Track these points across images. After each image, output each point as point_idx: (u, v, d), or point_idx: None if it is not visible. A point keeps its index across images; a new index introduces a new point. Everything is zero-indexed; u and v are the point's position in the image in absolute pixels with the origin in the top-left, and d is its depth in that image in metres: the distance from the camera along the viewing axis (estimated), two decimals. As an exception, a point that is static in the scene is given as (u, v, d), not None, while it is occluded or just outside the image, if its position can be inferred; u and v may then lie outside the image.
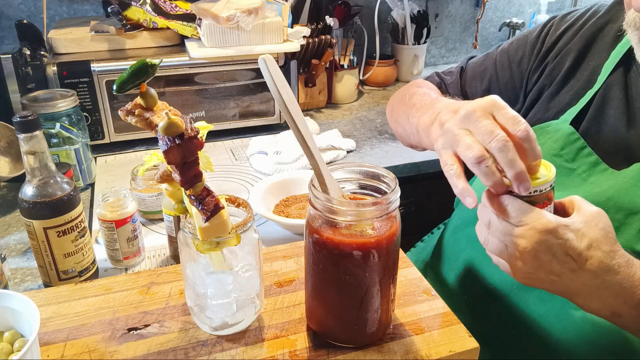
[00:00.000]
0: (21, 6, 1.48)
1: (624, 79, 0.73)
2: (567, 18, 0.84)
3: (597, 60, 0.77)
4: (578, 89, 0.77)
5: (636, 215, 0.64)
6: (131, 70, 0.49)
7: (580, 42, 0.79)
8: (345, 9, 1.71)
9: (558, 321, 0.67)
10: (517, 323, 0.71)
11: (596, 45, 0.78)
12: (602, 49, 0.77)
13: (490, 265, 0.75)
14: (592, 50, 0.78)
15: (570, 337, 0.66)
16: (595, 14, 0.81)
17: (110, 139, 1.26)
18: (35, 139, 0.67)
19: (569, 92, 0.78)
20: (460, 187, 0.56)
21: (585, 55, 0.79)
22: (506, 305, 0.72)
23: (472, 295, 0.77)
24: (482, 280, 0.76)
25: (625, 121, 0.71)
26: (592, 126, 0.74)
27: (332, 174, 0.58)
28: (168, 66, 1.25)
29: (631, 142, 0.70)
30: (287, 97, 0.54)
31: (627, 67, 0.73)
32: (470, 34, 2.09)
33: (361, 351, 0.59)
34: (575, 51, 0.79)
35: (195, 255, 0.57)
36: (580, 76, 0.78)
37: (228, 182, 1.14)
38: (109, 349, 0.59)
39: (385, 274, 0.56)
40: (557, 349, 0.67)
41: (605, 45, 0.77)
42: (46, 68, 1.16)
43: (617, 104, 0.72)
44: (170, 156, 0.48)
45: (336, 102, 1.66)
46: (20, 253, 0.89)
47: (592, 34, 0.79)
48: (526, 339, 0.70)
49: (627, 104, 0.72)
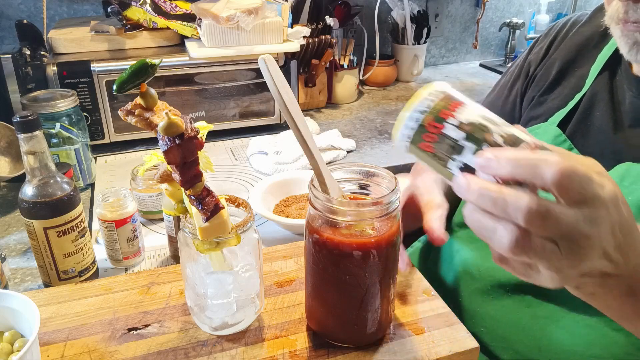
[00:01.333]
0: (21, 6, 1.48)
1: (610, 82, 0.74)
2: (550, 32, 0.85)
3: (585, 66, 0.78)
4: (566, 94, 0.78)
5: None
6: (131, 70, 0.49)
7: (565, 50, 0.81)
8: (345, 9, 1.71)
9: (552, 322, 0.67)
10: (511, 325, 0.71)
11: (582, 52, 0.79)
12: (589, 55, 0.78)
13: (484, 266, 0.75)
14: (578, 58, 0.79)
15: (564, 338, 0.66)
16: (577, 22, 0.82)
17: (110, 139, 1.26)
18: (35, 139, 0.67)
19: (556, 98, 0.79)
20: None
21: (572, 63, 0.79)
22: (500, 306, 0.72)
23: (466, 296, 0.77)
24: (476, 282, 0.76)
25: (612, 124, 0.71)
26: (579, 129, 0.74)
27: (332, 174, 0.58)
28: (168, 66, 1.25)
29: (618, 145, 0.70)
30: (287, 97, 0.54)
31: (613, 71, 0.74)
32: (470, 34, 2.09)
33: (361, 351, 0.59)
34: (560, 60, 0.80)
35: (195, 255, 0.57)
36: (568, 83, 0.79)
37: (228, 182, 1.14)
38: (109, 349, 0.59)
39: (385, 274, 0.56)
40: (551, 350, 0.67)
41: (592, 51, 0.78)
42: (46, 68, 1.16)
43: (603, 107, 0.73)
44: (170, 156, 0.48)
45: (336, 102, 1.66)
46: (20, 253, 0.89)
47: (577, 42, 0.80)
48: (520, 340, 0.70)
49: (613, 107, 0.72)
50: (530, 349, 0.69)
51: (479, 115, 0.43)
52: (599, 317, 0.63)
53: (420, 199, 0.73)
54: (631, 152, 0.68)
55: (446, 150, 0.43)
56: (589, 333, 0.64)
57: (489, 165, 0.40)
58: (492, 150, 0.40)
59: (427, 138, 0.44)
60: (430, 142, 0.44)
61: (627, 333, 0.61)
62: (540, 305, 0.68)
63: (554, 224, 0.37)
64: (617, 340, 0.62)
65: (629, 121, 0.70)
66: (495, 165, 0.39)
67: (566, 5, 2.19)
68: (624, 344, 0.61)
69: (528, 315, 0.69)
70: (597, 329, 0.63)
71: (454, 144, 0.43)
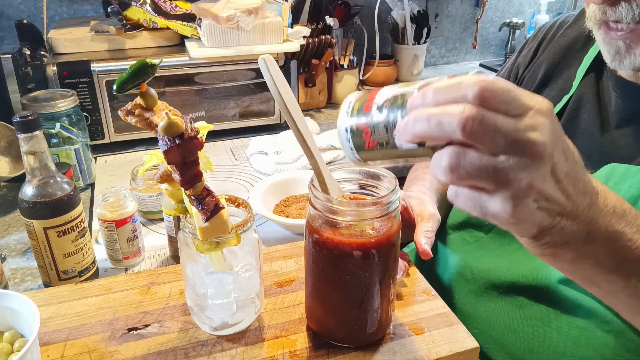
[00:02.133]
0: (21, 6, 1.48)
1: (596, 83, 0.74)
2: (538, 34, 0.86)
3: (571, 68, 0.78)
4: (553, 96, 0.78)
5: None
6: (131, 70, 0.49)
7: (551, 53, 0.81)
8: (345, 9, 1.71)
9: (543, 324, 0.67)
10: (503, 325, 0.71)
11: (568, 54, 0.79)
12: (575, 57, 0.78)
13: (477, 268, 0.75)
14: (564, 60, 0.79)
15: (555, 339, 0.66)
16: (563, 24, 0.82)
17: (110, 139, 1.26)
18: (35, 139, 0.67)
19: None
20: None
21: (558, 65, 0.80)
22: (493, 307, 0.72)
23: (460, 298, 0.77)
24: (469, 284, 0.76)
25: (599, 125, 0.71)
26: (567, 131, 0.73)
27: (332, 174, 0.58)
28: (168, 66, 1.25)
29: (605, 146, 0.70)
30: (287, 97, 0.54)
31: (599, 72, 0.74)
32: (470, 34, 2.09)
33: (361, 351, 0.59)
34: (547, 62, 0.81)
35: (195, 255, 0.57)
36: (555, 85, 0.79)
37: (228, 182, 1.14)
38: (109, 349, 0.59)
39: (385, 274, 0.56)
40: (542, 351, 0.67)
41: (578, 53, 0.78)
42: (46, 68, 1.16)
43: (590, 109, 0.73)
44: (170, 156, 0.48)
45: (336, 102, 1.66)
46: (20, 253, 0.89)
47: (563, 44, 0.80)
48: (512, 342, 0.70)
49: (599, 109, 0.72)
50: (522, 351, 0.69)
51: (393, 89, 0.44)
52: (590, 319, 0.63)
53: (413, 210, 0.74)
54: (618, 152, 0.68)
55: (384, 133, 0.43)
56: (580, 334, 0.64)
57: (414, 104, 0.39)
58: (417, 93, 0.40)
59: (364, 136, 0.45)
60: (369, 137, 0.44)
61: (617, 334, 0.61)
62: (532, 307, 0.68)
63: (493, 131, 0.36)
64: (607, 342, 0.62)
65: (615, 122, 0.70)
66: (421, 102, 0.39)
67: (566, 5, 2.19)
68: (613, 345, 0.61)
69: (520, 316, 0.69)
70: (587, 330, 0.63)
71: (386, 122, 0.43)
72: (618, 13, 0.60)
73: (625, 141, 0.68)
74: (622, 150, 0.68)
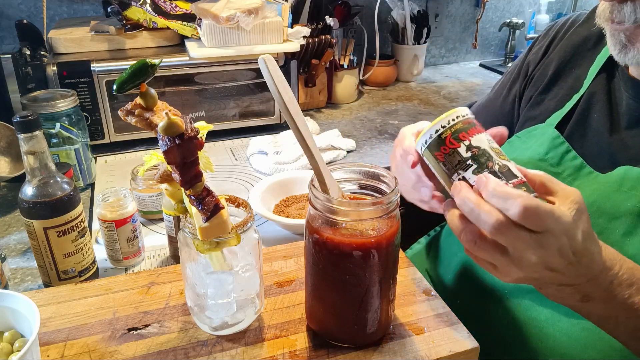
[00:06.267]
0: (21, 6, 1.48)
1: (607, 83, 0.74)
2: (549, 32, 0.85)
3: (582, 66, 0.77)
4: (562, 95, 0.78)
5: (618, 220, 0.64)
6: (131, 70, 0.49)
7: (562, 50, 0.81)
8: (345, 9, 1.71)
9: (549, 325, 0.67)
10: (509, 327, 0.71)
11: (579, 53, 0.79)
12: (586, 56, 0.77)
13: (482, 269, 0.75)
14: (575, 58, 0.79)
15: (561, 341, 0.66)
16: (575, 22, 0.82)
17: (110, 139, 1.26)
18: (35, 139, 0.67)
19: (553, 98, 0.79)
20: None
21: (568, 63, 0.79)
22: (498, 309, 0.72)
23: (464, 298, 0.77)
24: (474, 284, 0.76)
25: (609, 126, 0.71)
26: (576, 130, 0.74)
27: (332, 174, 0.58)
28: (168, 66, 1.25)
29: (615, 146, 0.70)
30: (287, 97, 0.54)
31: (611, 72, 0.74)
32: (470, 34, 2.09)
33: (361, 351, 0.59)
34: (557, 60, 0.80)
35: (195, 255, 0.57)
36: (564, 83, 0.79)
37: (228, 182, 1.14)
38: (109, 349, 0.59)
39: (385, 274, 0.57)
40: (548, 353, 0.67)
41: (589, 52, 0.77)
42: (46, 68, 1.16)
43: (600, 109, 0.73)
44: (170, 156, 0.48)
45: (336, 102, 1.66)
46: (20, 253, 0.89)
47: (575, 42, 0.80)
48: (517, 343, 0.70)
49: (610, 109, 0.72)
50: (527, 352, 0.69)
51: (487, 144, 0.54)
52: None
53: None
54: (627, 153, 0.68)
55: (454, 163, 0.54)
56: (586, 336, 0.64)
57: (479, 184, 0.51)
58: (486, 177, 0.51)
59: (442, 149, 0.54)
60: (443, 153, 0.55)
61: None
62: (537, 309, 0.68)
63: (509, 239, 0.49)
64: (613, 344, 0.61)
65: (625, 123, 0.70)
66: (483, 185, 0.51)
67: (566, 5, 2.19)
68: (620, 347, 0.61)
69: (525, 318, 0.69)
70: (593, 332, 0.63)
71: (462, 160, 0.53)
72: (622, 14, 0.61)
73: (635, 142, 0.68)
74: (631, 151, 0.68)
